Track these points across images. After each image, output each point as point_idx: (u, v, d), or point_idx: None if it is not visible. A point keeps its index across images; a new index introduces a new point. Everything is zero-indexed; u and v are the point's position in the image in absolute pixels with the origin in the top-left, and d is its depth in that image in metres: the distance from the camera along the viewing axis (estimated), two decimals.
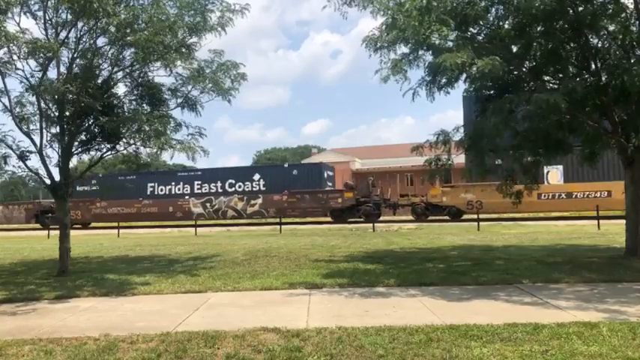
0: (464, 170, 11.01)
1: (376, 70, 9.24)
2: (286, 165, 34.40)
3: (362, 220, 27.29)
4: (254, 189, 30.96)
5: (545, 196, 24.67)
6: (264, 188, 30.71)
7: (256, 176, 31.44)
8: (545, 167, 23.87)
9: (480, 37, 9.78)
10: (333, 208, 28.68)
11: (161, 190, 32.53)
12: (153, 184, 32.50)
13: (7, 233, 28.01)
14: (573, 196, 24.51)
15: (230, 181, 31.15)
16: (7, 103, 10.01)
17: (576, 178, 24.49)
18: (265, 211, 30.00)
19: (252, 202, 30.40)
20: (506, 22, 9.62)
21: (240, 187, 31.29)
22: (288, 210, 29.21)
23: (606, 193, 24.05)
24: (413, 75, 10.11)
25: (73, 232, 11.92)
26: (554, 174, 24.93)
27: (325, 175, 31.29)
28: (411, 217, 28.04)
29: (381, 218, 27.58)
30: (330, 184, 31.65)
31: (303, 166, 32.66)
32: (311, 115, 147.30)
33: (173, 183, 32.33)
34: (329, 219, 28.56)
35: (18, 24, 9.44)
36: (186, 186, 31.82)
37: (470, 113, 27.31)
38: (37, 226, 31.51)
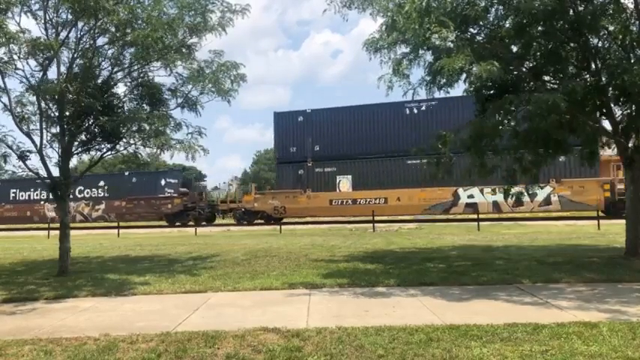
0: (464, 171, 11.01)
1: (379, 77, 9.23)
2: (127, 173, 35.83)
3: (192, 224, 29.66)
4: (99, 195, 33.41)
5: (336, 202, 27.72)
6: (107, 194, 33.19)
7: (101, 183, 33.67)
8: (337, 176, 27.83)
9: (480, 38, 9.77)
10: (165, 213, 31.58)
11: (22, 195, 34.66)
12: (15, 190, 34.69)
13: (8, 233, 28.01)
14: (357, 203, 27.20)
15: (80, 187, 32.48)
16: (7, 103, 10.02)
17: (364, 186, 27.47)
18: (107, 216, 32.82)
19: (97, 207, 32.93)
20: (506, 22, 9.61)
21: (87, 193, 33.35)
22: (127, 215, 32.11)
23: (383, 200, 26.81)
24: (413, 74, 10.10)
25: (73, 232, 11.92)
26: (344, 182, 27.90)
27: (163, 182, 33.06)
28: (406, 218, 28.09)
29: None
30: (170, 190, 33.01)
31: (142, 174, 34.16)
32: None
33: (32, 189, 34.13)
34: (328, 219, 28.80)
35: (18, 23, 9.46)
36: (43, 192, 32.98)
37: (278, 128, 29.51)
38: (37, 225, 31.51)
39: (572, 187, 23.90)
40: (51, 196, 32.10)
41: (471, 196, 25.56)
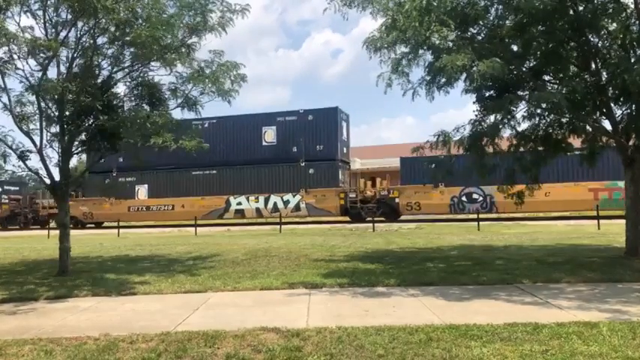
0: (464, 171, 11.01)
1: (379, 75, 9.23)
2: None
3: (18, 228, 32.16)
4: None
5: (133, 208, 30.44)
6: None
7: None
8: (136, 185, 30.58)
9: (480, 37, 9.77)
10: None
11: None
12: None
13: (7, 233, 28.02)
14: (150, 209, 30.31)
15: None
16: (7, 103, 10.02)
17: (158, 195, 30.34)
18: None
19: None
20: (506, 21, 9.61)
21: None
22: None
23: (171, 206, 29.82)
24: (412, 74, 10.07)
25: (72, 232, 11.92)
26: (142, 191, 30.87)
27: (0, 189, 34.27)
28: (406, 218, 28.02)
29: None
30: (4, 197, 34.03)
31: None
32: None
33: None
34: (324, 219, 28.86)
35: (18, 23, 9.46)
36: None
37: None
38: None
39: (316, 195, 27.76)
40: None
41: (239, 203, 28.97)
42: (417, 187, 25.84)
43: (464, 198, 25.90)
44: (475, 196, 25.51)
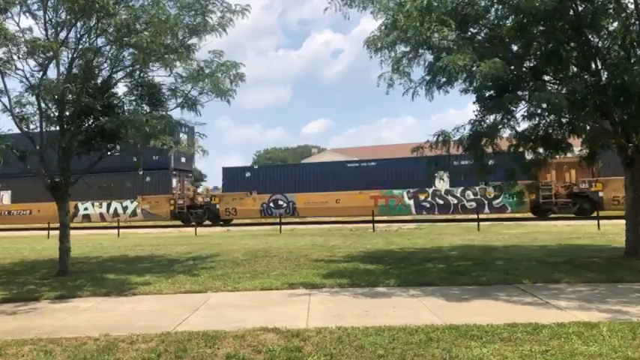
0: (464, 171, 11.02)
1: (379, 75, 9.22)
2: None
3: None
4: None
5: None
6: None
7: None
8: (0, 191, 32.46)
9: (480, 37, 9.78)
10: None
11: None
12: None
13: (8, 233, 28.02)
14: (12, 213, 32.09)
15: None
16: (7, 103, 10.02)
17: (22, 200, 31.78)
18: None
19: None
20: (507, 21, 9.62)
21: None
22: None
23: (28, 211, 31.33)
24: (412, 73, 10.06)
25: (72, 232, 11.91)
26: (5, 197, 32.75)
27: None
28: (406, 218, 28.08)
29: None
30: None
31: None
32: (311, 114, 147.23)
33: None
34: (327, 219, 28.88)
35: (17, 24, 9.46)
36: None
37: None
38: (37, 225, 31.58)
39: (150, 202, 29.82)
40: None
41: (86, 209, 30.83)
42: (234, 195, 28.76)
43: (271, 204, 28.60)
44: (280, 202, 28.44)
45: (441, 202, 26.44)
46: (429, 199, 26.58)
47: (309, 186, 28.56)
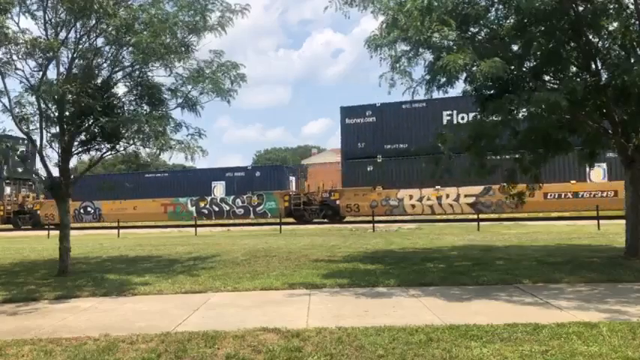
0: (463, 170, 11.03)
1: (380, 75, 9.23)
2: None
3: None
4: None
5: None
6: None
7: None
8: None
9: (481, 37, 9.77)
10: None
11: None
12: None
13: (7, 233, 28.01)
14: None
15: None
16: (7, 104, 10.02)
17: None
18: None
19: None
20: (507, 21, 9.62)
21: None
22: None
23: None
24: (413, 73, 10.08)
25: (72, 232, 11.92)
26: None
27: None
28: (406, 218, 28.11)
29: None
30: None
31: None
32: (311, 114, 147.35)
33: None
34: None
35: (17, 24, 9.45)
36: None
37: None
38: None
39: None
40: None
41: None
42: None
43: (82, 210, 32.16)
44: (89, 209, 32.45)
45: (217, 208, 30.42)
46: (207, 205, 30.55)
47: (114, 193, 30.00)
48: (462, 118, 25.71)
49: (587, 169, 24.29)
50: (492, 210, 25.02)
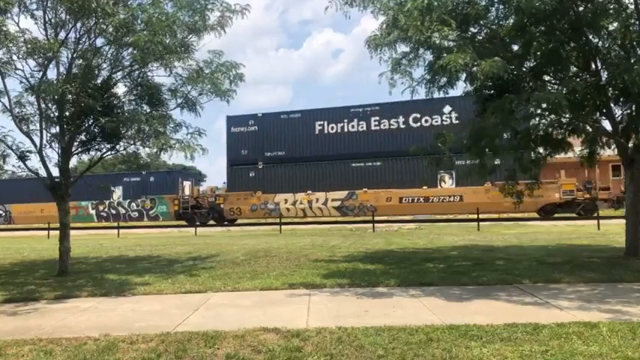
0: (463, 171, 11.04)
1: (380, 73, 9.24)
2: None
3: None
4: None
5: None
6: None
7: None
8: None
9: (481, 37, 9.78)
10: None
11: None
12: None
13: (7, 233, 28.01)
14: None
15: None
16: (7, 104, 10.02)
17: None
18: None
19: None
20: (507, 21, 9.62)
21: None
22: None
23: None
24: (413, 73, 10.11)
25: (72, 232, 11.91)
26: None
27: None
28: (406, 218, 28.30)
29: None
30: None
31: None
32: None
33: None
34: (329, 219, 29.00)
35: (17, 24, 9.45)
36: None
37: None
38: (37, 225, 31.78)
39: None
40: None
41: None
42: None
43: None
44: (0, 211, 34.04)
45: (114, 212, 32.31)
46: (106, 209, 32.47)
47: (24, 197, 32.30)
48: (332, 128, 29.51)
49: (439, 175, 27.03)
50: (355, 213, 27.28)
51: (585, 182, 24.37)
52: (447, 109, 28.14)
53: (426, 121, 28.50)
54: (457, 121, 26.63)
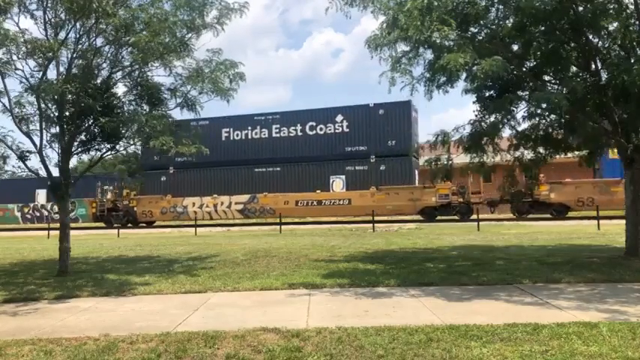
0: (462, 169, 11.04)
1: (381, 73, 9.25)
2: None
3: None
4: None
5: None
6: None
7: None
8: None
9: (481, 37, 9.78)
10: None
11: None
12: None
13: (7, 233, 28.01)
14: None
15: None
16: (7, 104, 10.02)
17: None
18: None
19: None
20: (507, 21, 9.62)
21: None
22: None
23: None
24: (413, 72, 10.15)
25: (73, 233, 11.91)
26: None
27: None
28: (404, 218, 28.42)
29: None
30: None
31: None
32: None
33: None
34: (331, 219, 29.13)
35: (17, 24, 9.46)
36: None
37: None
38: (37, 225, 31.84)
39: None
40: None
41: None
42: None
43: None
44: None
45: (38, 214, 33.42)
46: (31, 211, 33.76)
47: None
48: (237, 135, 32.01)
49: (331, 181, 29.92)
50: (257, 215, 28.94)
51: (459, 187, 25.74)
52: (339, 117, 30.41)
53: (321, 129, 30.77)
54: (348, 130, 30.02)
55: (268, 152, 31.10)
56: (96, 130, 10.42)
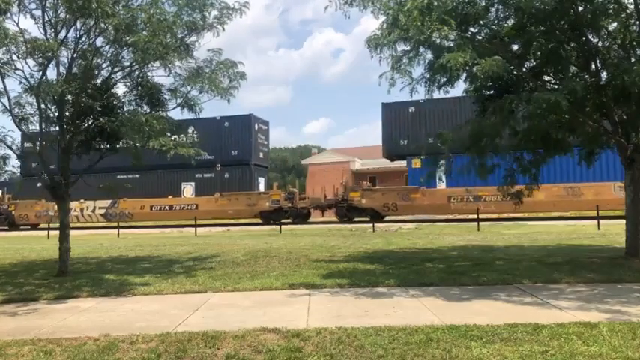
0: (459, 170, 11.03)
1: (381, 74, 9.25)
2: None
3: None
4: None
5: None
6: None
7: None
8: None
9: (480, 37, 9.78)
10: None
11: None
12: None
13: (7, 233, 28.02)
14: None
15: None
16: (7, 104, 10.01)
17: None
18: None
19: None
20: (507, 21, 9.63)
21: None
22: None
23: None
24: (413, 72, 10.15)
25: (73, 232, 11.90)
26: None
27: None
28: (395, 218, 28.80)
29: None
30: None
31: None
32: (312, 114, 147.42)
33: None
34: (333, 219, 29.18)
35: (17, 24, 9.45)
36: None
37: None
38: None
39: None
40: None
41: None
42: None
43: None
44: None
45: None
46: None
47: None
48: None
49: (182, 187, 33.44)
50: (117, 219, 29.97)
51: (287, 193, 28.45)
52: (190, 129, 32.49)
53: (175, 139, 31.23)
54: (197, 140, 30.18)
55: (130, 159, 31.90)
56: (96, 130, 10.42)
